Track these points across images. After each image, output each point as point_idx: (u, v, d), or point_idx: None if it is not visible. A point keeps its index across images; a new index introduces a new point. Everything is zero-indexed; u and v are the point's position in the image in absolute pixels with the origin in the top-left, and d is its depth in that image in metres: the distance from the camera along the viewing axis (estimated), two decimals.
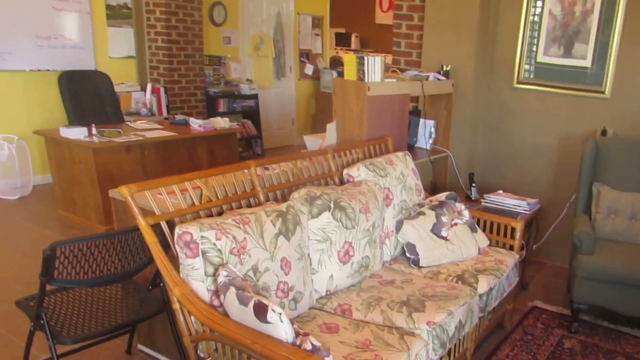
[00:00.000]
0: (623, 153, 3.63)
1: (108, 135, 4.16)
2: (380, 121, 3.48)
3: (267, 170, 2.65)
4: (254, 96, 7.24)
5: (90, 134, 4.13)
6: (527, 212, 3.65)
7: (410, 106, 4.10)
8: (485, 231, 3.32)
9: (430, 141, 4.31)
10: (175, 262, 2.03)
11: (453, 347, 2.54)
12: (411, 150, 4.05)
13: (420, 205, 3.22)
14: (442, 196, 3.33)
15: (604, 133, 3.93)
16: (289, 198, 2.50)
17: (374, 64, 3.25)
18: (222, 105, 6.75)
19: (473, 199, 3.96)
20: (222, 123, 5.07)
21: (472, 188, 4.02)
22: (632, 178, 3.56)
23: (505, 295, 3.01)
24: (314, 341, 1.82)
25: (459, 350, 2.64)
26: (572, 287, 3.24)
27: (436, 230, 3.01)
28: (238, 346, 1.80)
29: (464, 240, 3.06)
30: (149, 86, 5.66)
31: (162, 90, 5.74)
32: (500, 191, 3.92)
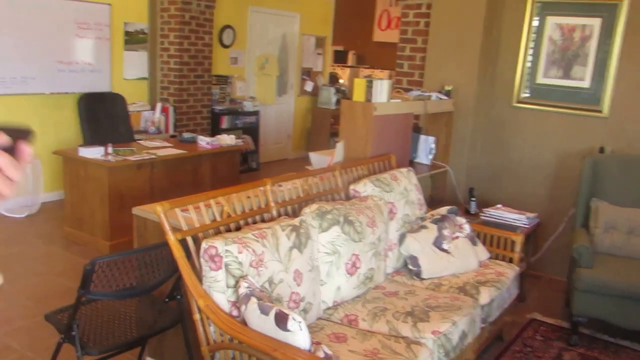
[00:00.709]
0: (620, 170, 3.76)
1: (123, 154, 4.32)
2: (384, 139, 3.62)
3: (281, 186, 2.79)
4: (256, 113, 7.47)
5: (106, 153, 4.27)
6: (527, 226, 3.78)
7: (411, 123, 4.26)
8: (485, 244, 3.43)
9: (430, 157, 4.45)
10: (197, 276, 2.15)
11: (455, 358, 2.65)
12: (411, 165, 4.19)
13: (422, 218, 3.35)
14: (444, 210, 3.45)
15: (602, 151, 4.06)
16: (300, 213, 2.63)
17: (381, 86, 3.41)
18: (225, 121, 6.94)
19: (472, 213, 4.09)
20: (229, 140, 5.22)
21: (472, 202, 4.15)
22: (630, 194, 3.69)
23: (505, 306, 3.12)
24: (327, 350, 1.95)
25: None
26: (572, 300, 3.34)
27: (438, 243, 3.14)
28: (258, 354, 1.92)
29: (465, 253, 3.19)
30: (159, 105, 5.85)
31: (171, 109, 5.91)
32: (499, 205, 4.05)
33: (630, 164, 3.78)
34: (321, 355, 1.92)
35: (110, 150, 4.32)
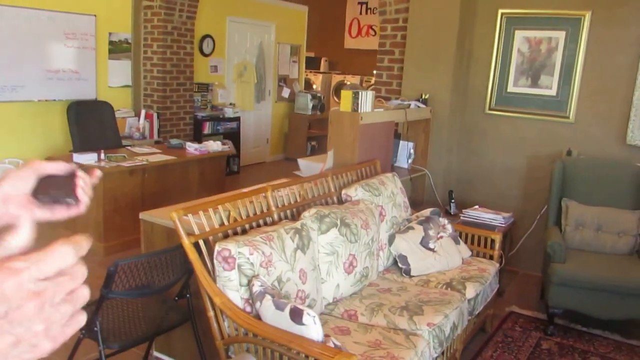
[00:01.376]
0: (588, 171, 4.06)
1: (115, 160, 4.43)
2: (369, 145, 3.84)
3: (279, 192, 2.96)
4: (237, 118, 7.64)
5: (99, 159, 4.38)
6: (503, 225, 4.03)
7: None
8: (466, 243, 3.68)
9: (409, 161, 4.68)
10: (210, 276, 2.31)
11: (446, 349, 2.87)
12: (392, 169, 4.41)
13: (408, 220, 3.57)
14: (427, 212, 3.68)
15: (569, 153, 4.36)
16: (300, 216, 2.81)
17: (366, 97, 3.63)
18: (208, 127, 7.09)
19: (452, 214, 4.33)
20: (215, 146, 5.36)
21: (452, 204, 4.40)
22: (597, 194, 3.99)
23: (488, 300, 3.37)
24: (335, 341, 2.13)
25: (451, 350, 2.98)
26: (547, 293, 3.61)
27: (424, 242, 3.36)
28: (273, 346, 2.09)
29: (449, 251, 3.42)
30: (143, 112, 5.97)
31: (155, 115, 6.02)
32: (476, 206, 4.29)
33: (596, 166, 4.09)
34: (331, 346, 2.11)
35: (102, 156, 4.43)
